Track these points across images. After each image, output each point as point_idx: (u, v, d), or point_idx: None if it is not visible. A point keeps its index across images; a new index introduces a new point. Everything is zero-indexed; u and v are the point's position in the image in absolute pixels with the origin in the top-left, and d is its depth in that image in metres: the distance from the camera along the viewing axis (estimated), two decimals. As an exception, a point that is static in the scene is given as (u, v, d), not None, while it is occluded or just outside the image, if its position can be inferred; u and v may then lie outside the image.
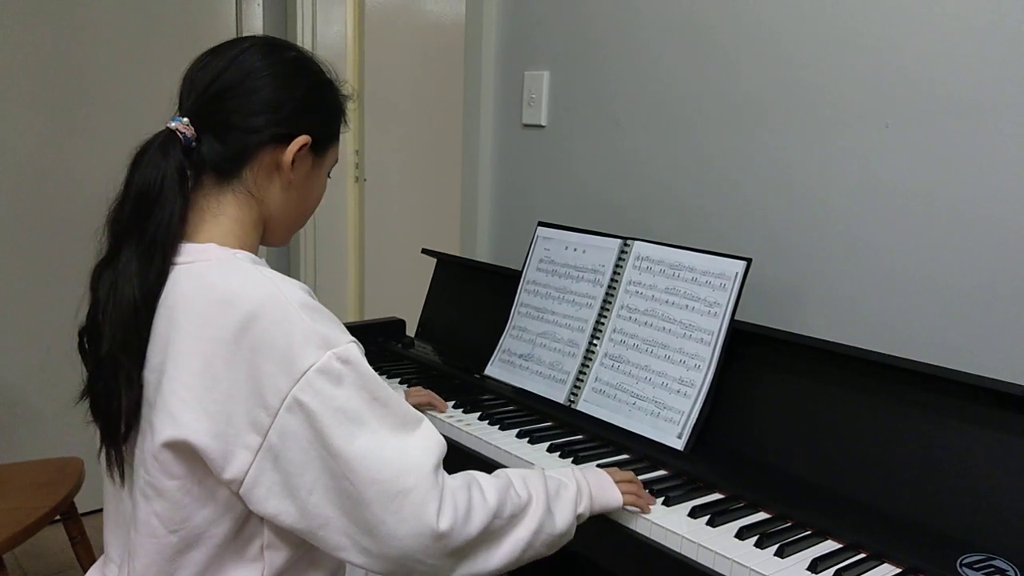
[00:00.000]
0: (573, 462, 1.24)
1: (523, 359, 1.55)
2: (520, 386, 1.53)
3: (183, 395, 0.83)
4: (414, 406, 1.23)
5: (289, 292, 0.86)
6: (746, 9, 1.48)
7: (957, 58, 1.21)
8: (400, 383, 1.57)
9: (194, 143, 0.94)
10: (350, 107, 1.06)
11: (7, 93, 2.29)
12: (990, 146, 1.19)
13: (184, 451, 0.85)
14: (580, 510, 1.00)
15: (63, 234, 2.40)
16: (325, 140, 1.01)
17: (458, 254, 2.02)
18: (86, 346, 0.94)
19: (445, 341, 1.83)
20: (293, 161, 0.96)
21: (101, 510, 1.04)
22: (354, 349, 0.86)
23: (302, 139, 0.96)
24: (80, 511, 1.83)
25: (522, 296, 1.59)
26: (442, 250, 1.91)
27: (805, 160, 1.41)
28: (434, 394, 1.44)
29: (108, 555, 1.01)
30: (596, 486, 1.05)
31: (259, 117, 0.93)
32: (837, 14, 1.35)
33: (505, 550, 0.91)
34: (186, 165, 0.93)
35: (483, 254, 2.08)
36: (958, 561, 0.95)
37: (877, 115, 1.31)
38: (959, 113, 1.22)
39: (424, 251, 1.93)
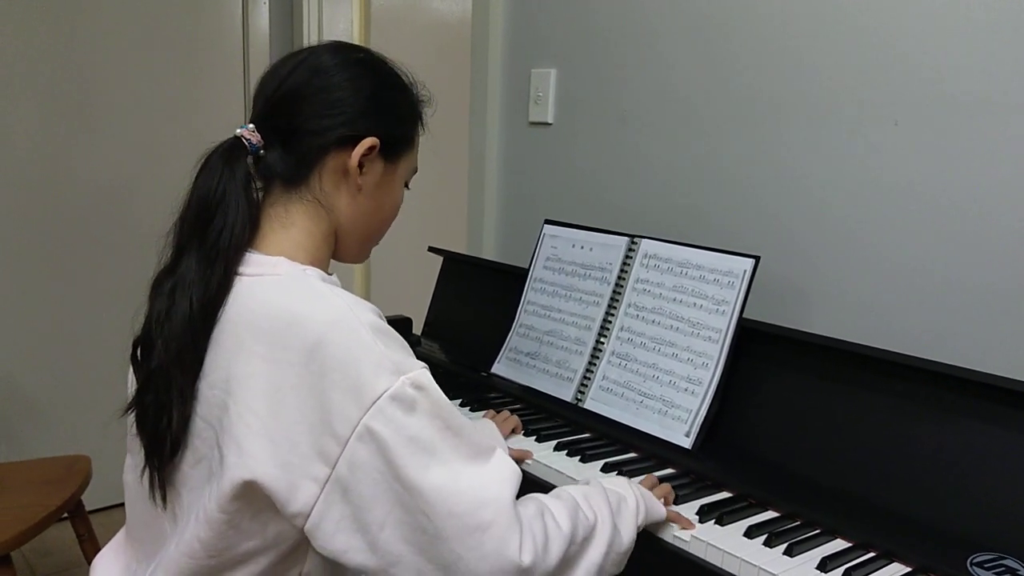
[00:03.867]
0: (580, 460, 1.24)
1: (530, 357, 1.54)
2: (527, 384, 1.52)
3: (249, 420, 0.79)
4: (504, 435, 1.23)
5: (360, 314, 0.82)
6: (754, 6, 1.47)
7: (966, 57, 1.21)
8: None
9: (261, 150, 0.91)
10: (427, 113, 1.02)
11: (11, 93, 2.30)
12: (999, 145, 1.18)
13: (249, 490, 0.80)
14: (639, 522, 0.97)
15: (71, 233, 2.41)
16: (397, 144, 0.97)
17: (465, 252, 2.02)
18: (138, 357, 0.90)
19: (452, 339, 1.83)
20: (361, 165, 0.93)
21: (109, 508, 1.03)
22: (427, 375, 0.82)
23: (369, 141, 0.92)
24: (88, 509, 1.84)
25: (529, 294, 1.59)
26: (449, 248, 1.91)
27: (813, 158, 1.40)
28: (518, 420, 1.34)
29: (132, 546, 0.99)
30: (649, 497, 1.02)
31: (324, 119, 0.90)
32: (846, 11, 1.34)
33: (579, 575, 0.87)
34: (253, 173, 0.91)
35: (490, 252, 2.08)
36: (968, 560, 0.95)
37: (886, 113, 1.30)
38: (968, 111, 1.21)
39: (431, 249, 1.93)
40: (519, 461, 1.25)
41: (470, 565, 0.78)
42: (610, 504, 0.94)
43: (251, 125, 0.91)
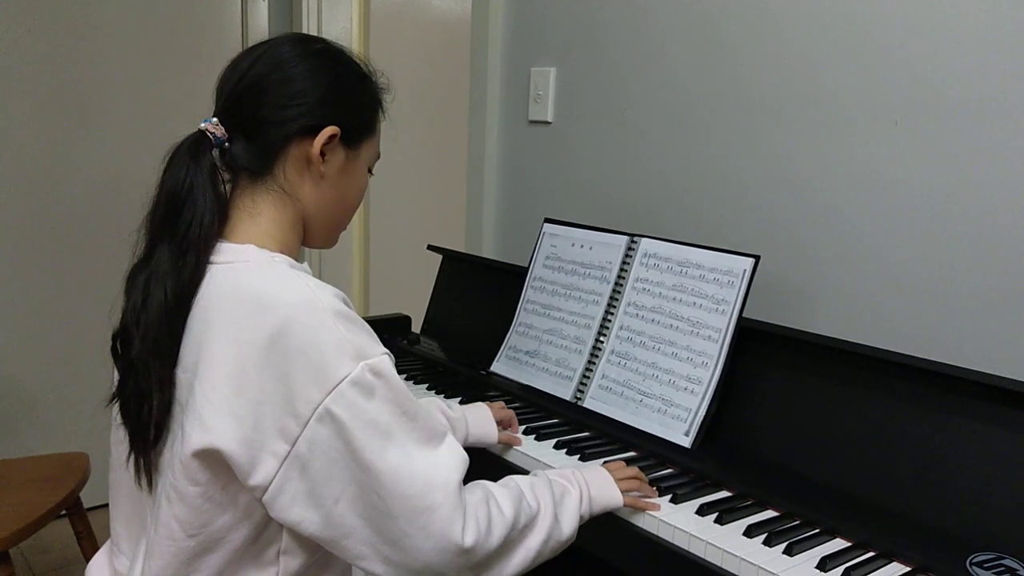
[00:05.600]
0: (580, 459, 1.23)
1: (529, 356, 1.54)
2: (526, 383, 1.52)
3: (213, 398, 0.82)
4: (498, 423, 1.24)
5: (325, 299, 0.85)
6: (754, 5, 1.47)
7: (966, 57, 1.21)
8: (406, 380, 1.57)
9: (226, 143, 0.93)
10: (387, 100, 1.04)
11: (10, 92, 2.29)
12: (999, 145, 1.18)
13: (211, 458, 0.84)
14: (582, 512, 1.02)
15: (68, 232, 2.40)
16: (357, 132, 0.99)
17: (464, 250, 2.02)
18: (118, 349, 0.92)
19: (451, 337, 1.83)
20: (323, 154, 0.95)
21: (107, 505, 1.04)
22: (387, 362, 0.85)
23: (330, 130, 0.94)
24: (86, 506, 1.83)
25: (528, 293, 1.59)
26: (448, 246, 1.91)
27: (813, 157, 1.40)
28: (513, 415, 1.35)
29: (119, 546, 1.00)
30: (596, 487, 1.06)
31: (285, 110, 0.92)
32: (846, 11, 1.34)
33: (518, 559, 0.93)
34: (219, 165, 0.93)
35: (489, 250, 2.08)
36: (968, 560, 0.95)
37: (886, 113, 1.30)
38: (968, 112, 1.21)
39: (430, 247, 1.93)
40: (508, 446, 1.28)
41: (416, 542, 0.83)
42: (553, 495, 0.99)
43: (214, 119, 0.93)
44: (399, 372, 1.60)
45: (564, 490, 1.01)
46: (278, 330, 0.81)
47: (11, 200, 2.33)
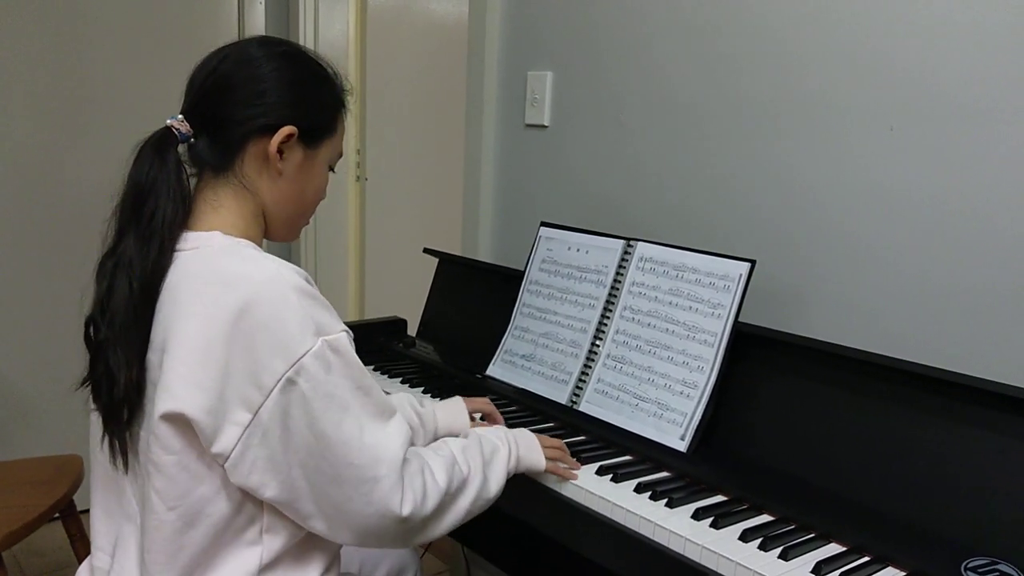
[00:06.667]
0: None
1: (525, 359, 1.54)
2: (522, 387, 1.52)
3: (180, 371, 0.87)
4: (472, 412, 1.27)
5: (288, 276, 0.89)
6: (750, 10, 1.47)
7: (960, 62, 1.21)
8: (401, 383, 1.57)
9: (191, 139, 0.98)
10: (349, 101, 1.07)
11: (9, 93, 2.29)
12: (994, 149, 1.19)
13: (180, 424, 0.88)
14: (509, 468, 1.09)
15: (62, 233, 2.40)
16: (316, 132, 1.02)
17: (460, 254, 2.02)
18: (90, 335, 0.96)
19: (447, 341, 1.82)
20: (281, 152, 0.99)
21: (100, 507, 1.04)
22: (344, 339, 0.90)
23: (287, 129, 0.97)
24: (79, 509, 1.82)
25: (524, 296, 1.59)
26: (444, 250, 1.91)
27: (809, 162, 1.41)
28: (495, 409, 1.34)
29: (96, 543, 1.03)
30: (524, 447, 1.13)
31: (246, 109, 0.97)
32: (841, 16, 1.34)
33: (449, 520, 1.00)
34: (184, 161, 0.97)
35: (485, 254, 2.08)
36: (963, 565, 0.95)
37: (881, 118, 1.31)
38: (963, 116, 1.22)
39: (426, 250, 1.93)
40: (490, 419, 1.31)
41: (358, 507, 0.90)
42: (483, 455, 1.06)
43: (180, 116, 0.98)
44: (394, 375, 1.62)
45: (495, 448, 1.08)
46: (244, 305, 0.86)
47: (5, 203, 2.32)
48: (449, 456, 1.01)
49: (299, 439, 0.88)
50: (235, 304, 0.86)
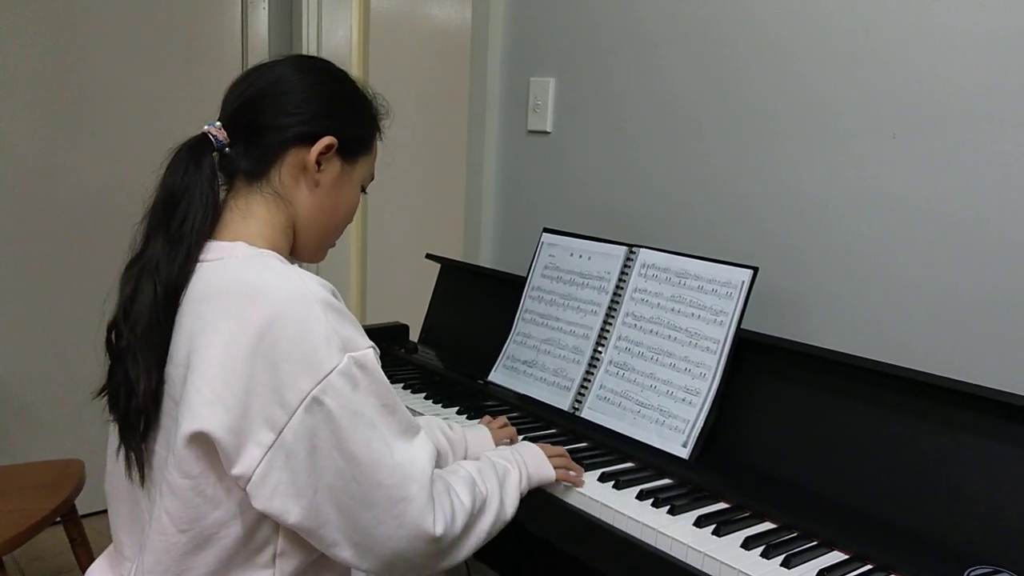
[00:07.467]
0: (577, 470, 1.23)
1: (527, 365, 1.54)
2: (524, 393, 1.52)
3: (202, 388, 0.84)
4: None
5: (314, 290, 0.87)
6: (753, 18, 1.48)
7: (963, 69, 1.21)
8: (404, 388, 1.57)
9: (227, 147, 0.97)
10: (384, 126, 1.08)
11: (9, 96, 2.29)
12: (997, 157, 1.19)
13: (203, 445, 0.85)
14: (521, 489, 1.08)
15: (65, 237, 2.40)
16: (354, 147, 1.02)
17: (462, 259, 2.02)
18: (112, 340, 0.94)
19: (449, 347, 1.82)
20: (319, 163, 0.98)
21: (102, 512, 1.04)
22: (371, 355, 0.88)
23: (327, 139, 0.97)
24: (80, 513, 1.82)
25: (527, 302, 1.59)
26: (446, 255, 1.91)
27: (812, 169, 1.41)
28: (515, 432, 1.33)
29: (122, 552, 1.01)
30: (533, 464, 1.12)
31: (286, 117, 0.96)
32: (844, 25, 1.35)
33: (472, 542, 0.97)
34: (217, 168, 0.96)
35: (487, 260, 2.08)
36: (965, 573, 0.95)
37: (884, 125, 1.31)
38: (965, 124, 1.22)
39: (428, 256, 1.93)
40: (512, 441, 1.30)
41: (388, 530, 0.87)
42: (498, 477, 1.04)
43: (218, 123, 0.97)
44: (396, 381, 1.62)
45: (506, 471, 1.07)
46: (269, 321, 0.83)
47: (7, 206, 2.33)
48: (468, 477, 0.99)
49: (326, 461, 0.84)
50: (260, 318, 0.83)
